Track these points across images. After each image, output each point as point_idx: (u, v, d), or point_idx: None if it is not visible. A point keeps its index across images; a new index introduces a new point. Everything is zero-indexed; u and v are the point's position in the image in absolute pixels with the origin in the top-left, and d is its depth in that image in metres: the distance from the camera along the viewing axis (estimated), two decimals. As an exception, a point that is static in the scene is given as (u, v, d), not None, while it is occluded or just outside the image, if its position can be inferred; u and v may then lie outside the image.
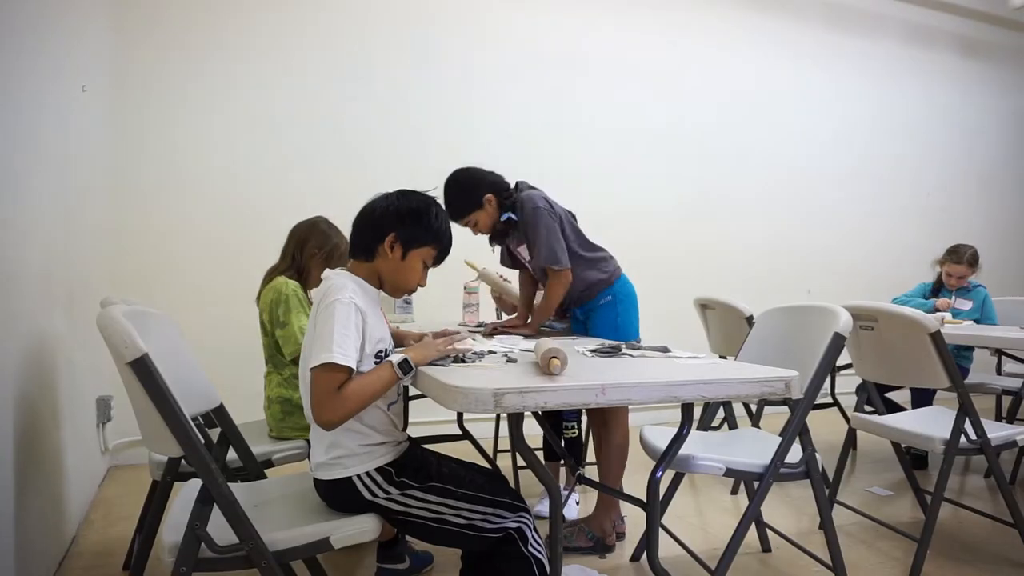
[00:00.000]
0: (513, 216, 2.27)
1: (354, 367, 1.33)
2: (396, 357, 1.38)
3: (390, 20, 3.73)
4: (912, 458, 3.29)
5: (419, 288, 1.57)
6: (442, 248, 1.55)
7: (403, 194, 1.53)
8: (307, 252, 2.21)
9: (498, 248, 2.49)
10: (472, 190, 2.26)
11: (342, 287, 1.39)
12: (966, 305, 3.46)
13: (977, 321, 3.40)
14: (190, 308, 3.22)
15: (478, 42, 3.92)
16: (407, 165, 3.65)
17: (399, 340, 1.71)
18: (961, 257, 3.48)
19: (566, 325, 2.52)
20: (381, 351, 1.45)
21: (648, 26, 4.34)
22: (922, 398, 3.27)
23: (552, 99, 4.09)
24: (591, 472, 2.67)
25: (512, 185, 2.35)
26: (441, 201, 1.59)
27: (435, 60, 3.82)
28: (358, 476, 1.40)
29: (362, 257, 1.52)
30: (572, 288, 2.31)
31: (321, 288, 1.44)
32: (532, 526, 1.44)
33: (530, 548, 1.40)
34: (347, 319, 1.34)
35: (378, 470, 1.41)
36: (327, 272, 1.51)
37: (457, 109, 3.87)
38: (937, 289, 3.60)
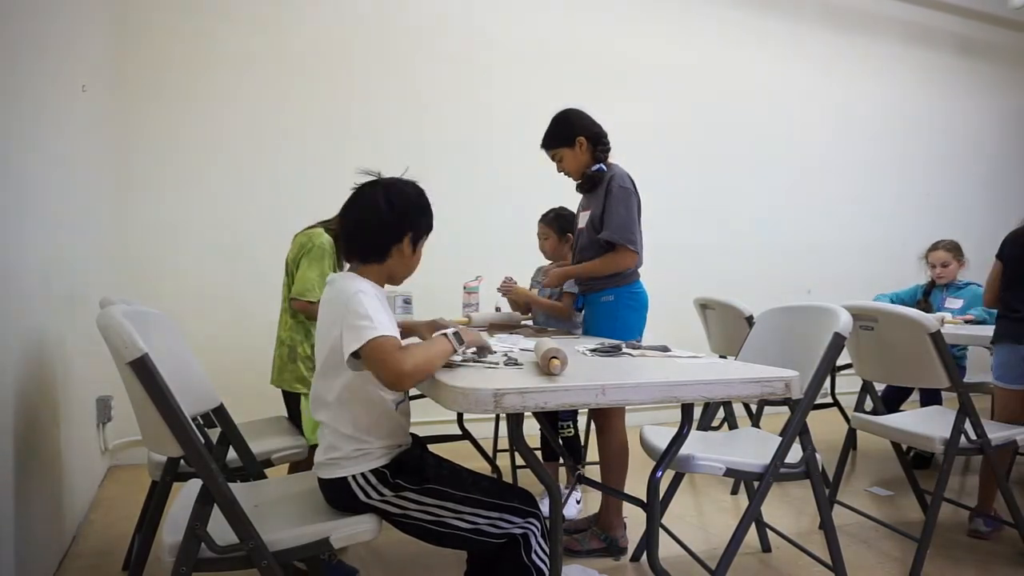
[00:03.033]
0: (604, 168, 2.32)
1: (399, 339, 1.33)
2: (449, 329, 1.42)
3: (393, 20, 3.73)
4: (914, 458, 3.29)
5: None
6: (432, 226, 1.57)
7: (401, 187, 1.50)
8: None
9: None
10: (569, 127, 2.35)
11: (359, 285, 1.40)
12: (956, 304, 3.41)
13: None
14: (190, 308, 3.22)
15: (479, 41, 3.92)
16: (410, 165, 3.65)
17: (409, 331, 1.74)
18: (937, 245, 3.48)
19: (572, 324, 2.53)
20: None
21: (647, 25, 4.34)
22: (930, 399, 3.25)
23: (552, 97, 4.08)
24: (591, 472, 2.67)
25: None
26: (412, 180, 1.56)
27: (436, 59, 3.82)
28: (353, 477, 1.40)
29: (374, 261, 1.49)
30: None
31: (330, 291, 1.44)
32: (540, 532, 1.43)
33: (532, 556, 1.40)
34: (377, 303, 1.37)
35: (373, 471, 1.40)
36: (332, 276, 1.50)
37: (458, 109, 3.87)
38: (929, 291, 3.56)
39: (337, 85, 3.62)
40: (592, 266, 2.30)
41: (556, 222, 2.74)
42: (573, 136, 2.33)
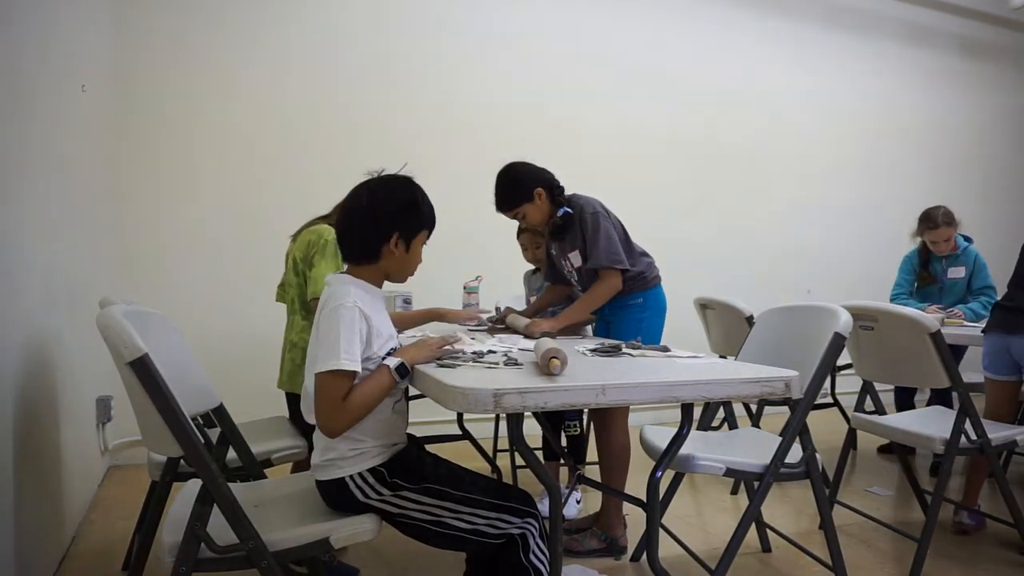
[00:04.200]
0: (569, 210, 2.30)
1: (359, 371, 1.34)
2: (392, 361, 1.39)
3: (396, 19, 3.72)
4: (932, 465, 3.28)
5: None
6: (432, 227, 1.55)
7: (388, 186, 1.50)
8: None
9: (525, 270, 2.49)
10: (523, 182, 2.31)
11: (345, 293, 1.39)
12: (959, 273, 3.39)
13: (970, 284, 3.36)
14: (190, 308, 3.22)
15: (481, 41, 3.92)
16: (409, 166, 3.65)
17: (406, 324, 1.74)
18: (936, 222, 3.32)
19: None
20: (393, 348, 1.46)
21: (646, 25, 4.34)
22: (939, 399, 3.19)
23: (550, 99, 4.09)
24: (592, 472, 2.67)
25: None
26: (411, 177, 1.55)
27: (438, 61, 3.82)
28: (350, 477, 1.39)
29: (367, 260, 1.49)
30: None
31: (324, 294, 1.44)
32: (538, 532, 1.43)
33: (531, 556, 1.39)
34: (352, 324, 1.35)
35: (370, 471, 1.40)
36: (329, 277, 1.50)
37: (457, 109, 3.87)
38: (926, 260, 3.50)
39: (339, 83, 3.61)
40: (590, 301, 2.27)
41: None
42: (530, 190, 2.29)
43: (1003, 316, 2.38)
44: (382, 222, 1.47)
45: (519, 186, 2.30)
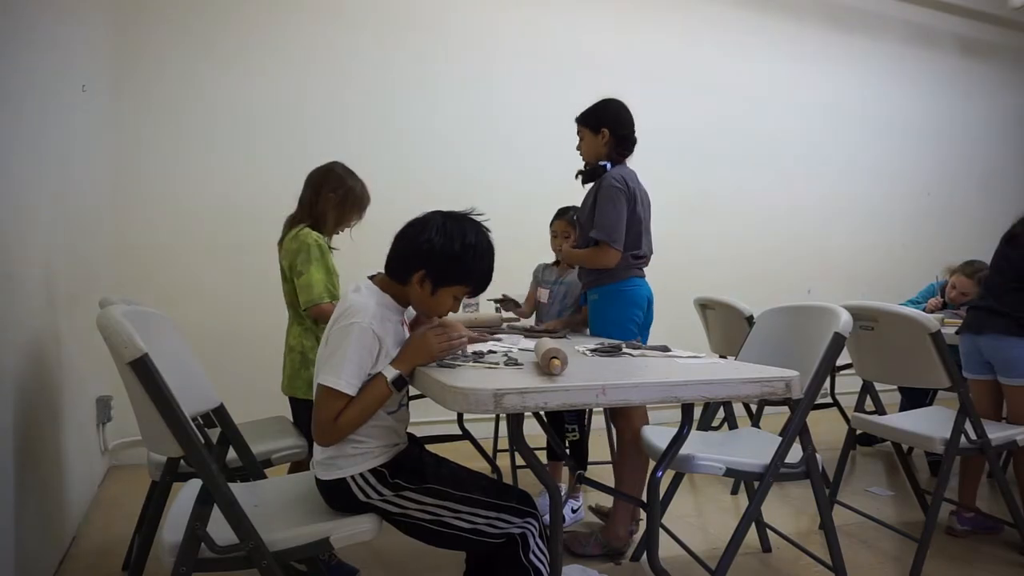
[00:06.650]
0: (608, 166, 2.35)
1: (355, 395, 1.35)
2: (390, 372, 1.37)
3: (400, 13, 3.72)
4: (860, 436, 3.27)
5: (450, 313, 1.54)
6: (476, 286, 1.49)
7: (446, 227, 1.43)
8: (322, 197, 2.24)
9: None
10: (601, 114, 2.37)
11: (363, 308, 1.38)
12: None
13: None
14: (190, 309, 3.22)
15: (482, 42, 3.92)
16: (411, 166, 3.65)
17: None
18: (973, 271, 3.24)
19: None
20: None
21: (646, 27, 4.34)
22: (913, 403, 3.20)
23: (552, 99, 4.09)
24: (593, 472, 2.66)
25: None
26: (480, 228, 1.49)
27: (441, 61, 3.82)
28: (352, 477, 1.40)
29: (397, 278, 1.48)
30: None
31: (342, 304, 1.42)
32: (538, 532, 1.43)
33: (531, 556, 1.40)
34: (361, 345, 1.35)
35: (372, 471, 1.40)
36: (356, 285, 1.48)
37: (458, 110, 3.86)
38: (943, 296, 3.44)
39: (339, 83, 3.61)
40: (578, 255, 2.38)
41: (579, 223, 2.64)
42: (599, 124, 2.35)
43: (973, 316, 2.41)
44: (420, 255, 1.43)
45: (596, 114, 2.37)
